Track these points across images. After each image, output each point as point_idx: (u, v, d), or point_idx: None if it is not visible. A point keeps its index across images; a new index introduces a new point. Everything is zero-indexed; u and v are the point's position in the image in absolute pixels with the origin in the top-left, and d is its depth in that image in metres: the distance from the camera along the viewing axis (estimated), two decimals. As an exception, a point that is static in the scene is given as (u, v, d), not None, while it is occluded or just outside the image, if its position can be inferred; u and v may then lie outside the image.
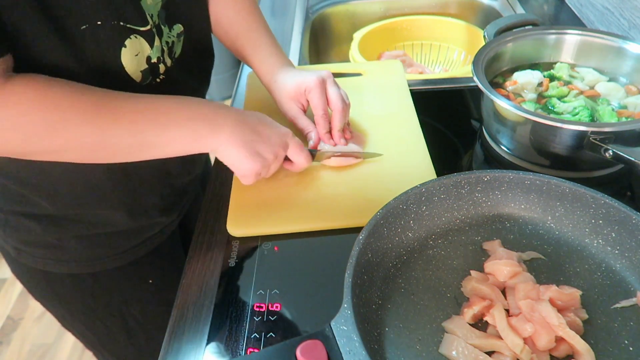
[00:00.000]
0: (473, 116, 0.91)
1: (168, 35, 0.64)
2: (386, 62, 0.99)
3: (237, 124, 0.60)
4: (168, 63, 0.65)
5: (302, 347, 0.45)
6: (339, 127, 0.73)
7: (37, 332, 1.74)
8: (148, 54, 0.60)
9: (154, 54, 0.61)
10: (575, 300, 0.51)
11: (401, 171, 0.71)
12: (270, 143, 0.62)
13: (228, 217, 0.66)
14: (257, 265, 0.62)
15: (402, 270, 0.56)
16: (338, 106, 0.73)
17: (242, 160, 0.61)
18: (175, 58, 0.67)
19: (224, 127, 0.59)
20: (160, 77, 0.64)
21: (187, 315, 0.59)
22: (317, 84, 0.72)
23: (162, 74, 0.64)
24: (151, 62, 0.61)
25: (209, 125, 0.58)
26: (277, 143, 0.63)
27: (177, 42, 0.67)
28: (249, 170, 0.62)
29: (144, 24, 0.58)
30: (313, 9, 1.28)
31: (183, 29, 0.67)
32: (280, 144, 0.64)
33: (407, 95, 0.87)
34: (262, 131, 0.62)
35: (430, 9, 1.32)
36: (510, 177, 0.60)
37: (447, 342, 0.49)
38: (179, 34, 0.66)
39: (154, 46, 0.61)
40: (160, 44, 0.62)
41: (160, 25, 0.62)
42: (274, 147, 0.63)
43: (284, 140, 0.64)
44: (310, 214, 0.66)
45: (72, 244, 0.71)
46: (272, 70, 0.76)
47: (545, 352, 0.48)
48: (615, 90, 0.78)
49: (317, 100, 0.72)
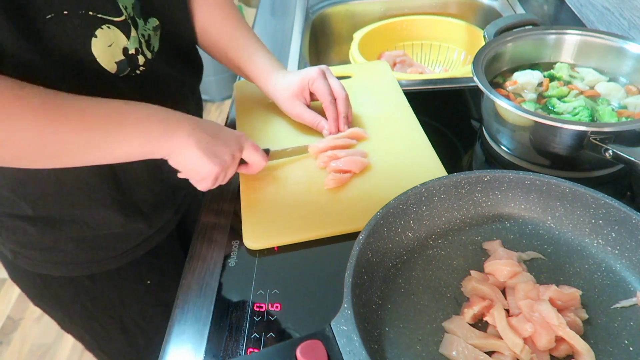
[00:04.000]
0: (473, 116, 0.91)
1: (144, 28, 0.63)
2: (373, 63, 1.00)
3: (192, 126, 0.59)
4: (148, 55, 0.63)
5: (302, 347, 0.45)
6: (345, 114, 0.77)
7: (37, 332, 1.74)
8: (124, 45, 0.59)
9: (131, 44, 0.60)
10: (575, 300, 0.51)
11: (410, 169, 0.71)
12: (227, 144, 0.62)
13: (243, 232, 0.65)
14: (257, 265, 0.62)
15: (402, 270, 0.56)
16: (342, 94, 0.76)
17: (201, 163, 0.60)
18: (155, 52, 0.66)
19: (178, 129, 0.57)
20: (139, 69, 0.62)
21: (187, 315, 0.58)
22: (320, 74, 0.76)
23: (141, 66, 0.62)
24: (128, 53, 0.60)
25: (163, 127, 0.56)
26: (233, 144, 0.63)
27: (154, 36, 0.66)
28: (208, 173, 0.61)
29: (117, 14, 0.57)
30: (313, 9, 1.28)
31: (159, 23, 0.66)
32: (236, 146, 0.64)
33: (400, 93, 0.87)
34: (218, 134, 0.62)
35: (430, 9, 1.32)
36: (510, 177, 0.60)
37: (447, 342, 0.49)
38: (155, 27, 0.66)
39: (130, 37, 0.59)
40: (137, 35, 0.61)
41: (135, 17, 0.61)
42: (231, 149, 0.63)
43: (239, 142, 0.65)
44: (326, 219, 0.65)
45: (68, 246, 0.70)
46: (269, 74, 0.77)
47: (545, 352, 0.48)
48: (615, 90, 0.78)
49: (323, 89, 0.75)
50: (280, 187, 0.70)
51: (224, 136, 0.63)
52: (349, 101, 0.77)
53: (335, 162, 0.71)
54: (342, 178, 0.69)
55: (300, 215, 0.66)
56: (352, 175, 0.71)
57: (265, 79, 0.77)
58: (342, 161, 0.71)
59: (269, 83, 0.77)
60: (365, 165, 0.72)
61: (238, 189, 0.73)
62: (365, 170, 0.72)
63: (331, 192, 0.69)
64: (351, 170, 0.70)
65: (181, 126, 0.58)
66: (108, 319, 0.81)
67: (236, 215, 0.70)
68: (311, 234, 0.64)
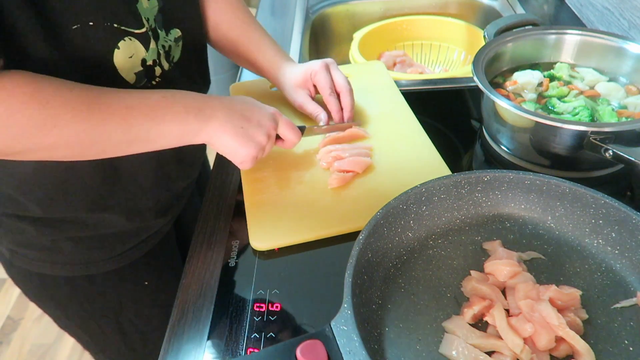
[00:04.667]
0: (473, 116, 0.91)
1: (165, 40, 0.64)
2: (368, 64, 1.00)
3: (226, 112, 0.60)
4: (165, 67, 0.65)
5: (302, 347, 0.45)
6: (349, 107, 0.78)
7: (37, 332, 1.74)
8: (143, 57, 0.60)
9: (150, 56, 0.61)
10: (575, 300, 0.51)
11: (413, 168, 0.72)
12: (261, 125, 0.63)
13: (249, 233, 0.65)
14: (257, 265, 0.62)
15: (402, 270, 0.56)
16: (345, 87, 0.78)
17: (238, 148, 0.61)
18: (174, 62, 0.67)
19: (212, 118, 0.59)
20: (156, 80, 0.64)
21: (187, 315, 0.58)
22: (323, 67, 0.77)
23: (158, 77, 0.64)
24: (146, 64, 0.61)
25: (199, 118, 0.58)
26: (267, 124, 0.64)
27: (175, 47, 0.67)
28: (246, 156, 0.62)
29: (139, 26, 0.59)
30: (313, 9, 1.28)
31: (181, 34, 0.67)
32: (271, 124, 0.65)
33: (397, 93, 0.88)
34: (251, 115, 0.63)
35: (430, 9, 1.32)
36: (510, 177, 0.60)
37: (447, 342, 0.49)
38: (177, 39, 0.67)
39: (149, 49, 0.61)
40: (156, 47, 0.62)
41: (157, 29, 0.63)
42: (265, 129, 0.63)
43: (274, 119, 0.65)
44: (332, 219, 0.65)
45: (66, 246, 0.70)
46: (278, 66, 0.79)
47: (545, 352, 0.48)
48: (615, 90, 0.78)
49: (323, 81, 0.77)
50: (283, 187, 0.70)
51: (258, 116, 0.63)
52: (352, 95, 0.78)
53: (339, 162, 0.71)
54: (345, 177, 0.69)
55: (305, 215, 0.66)
56: (355, 174, 0.71)
57: (274, 70, 0.79)
58: (346, 161, 0.71)
59: (278, 74, 0.79)
60: (368, 165, 0.72)
61: (238, 189, 0.73)
62: (369, 169, 0.72)
63: (335, 192, 0.69)
64: (354, 170, 0.71)
65: (215, 115, 0.59)
66: (105, 319, 0.81)
67: (236, 216, 0.70)
68: (317, 234, 0.64)
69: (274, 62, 0.79)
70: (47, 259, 0.72)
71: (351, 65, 1.06)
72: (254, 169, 0.71)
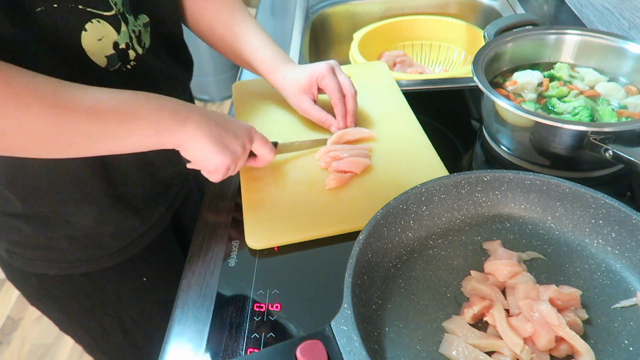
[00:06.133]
0: (473, 116, 0.91)
1: (134, 24, 0.63)
2: (371, 64, 1.00)
3: (202, 117, 0.59)
4: (139, 51, 0.64)
5: (302, 347, 0.45)
6: (353, 111, 0.77)
7: (37, 332, 1.74)
8: (115, 40, 0.59)
9: (122, 39, 0.60)
10: (575, 300, 0.51)
11: (411, 168, 0.72)
12: (238, 136, 0.62)
13: (245, 231, 0.65)
14: (257, 265, 0.62)
15: (402, 270, 0.56)
16: (351, 91, 0.77)
17: (212, 155, 0.60)
18: (147, 48, 0.66)
19: (188, 120, 0.57)
20: (130, 64, 0.62)
21: (187, 315, 0.58)
22: (329, 70, 0.76)
23: (132, 61, 0.63)
24: (119, 47, 0.60)
25: (174, 118, 0.56)
26: (243, 136, 0.63)
27: (145, 32, 0.66)
28: (220, 164, 0.61)
29: (107, 8, 0.57)
30: (313, 9, 1.28)
31: (149, 20, 0.66)
32: (247, 137, 0.64)
33: (399, 94, 0.87)
34: (228, 125, 0.61)
35: (430, 9, 1.32)
36: (510, 177, 0.60)
37: (447, 342, 0.49)
38: (145, 24, 0.66)
39: (120, 31, 0.59)
40: (127, 30, 0.61)
41: (125, 13, 0.61)
42: (241, 140, 0.63)
43: (250, 133, 0.65)
44: (328, 219, 0.65)
45: (63, 244, 0.70)
46: (277, 68, 0.77)
47: (545, 352, 0.48)
48: (615, 90, 0.78)
49: (332, 85, 0.75)
50: (281, 186, 0.70)
51: (234, 127, 0.62)
52: (356, 98, 0.78)
53: (337, 163, 0.71)
54: (343, 177, 0.69)
55: (301, 214, 0.66)
56: (353, 174, 0.71)
57: (273, 72, 0.77)
58: (344, 162, 0.71)
59: (277, 76, 0.77)
60: (367, 166, 0.72)
61: (238, 188, 0.73)
62: (367, 170, 0.72)
63: (332, 192, 0.69)
64: (352, 171, 0.70)
65: (191, 117, 0.58)
66: (106, 317, 0.81)
67: (236, 215, 0.70)
68: (313, 233, 0.64)
69: (272, 65, 0.77)
70: (44, 258, 0.72)
71: (354, 65, 1.05)
72: (253, 167, 0.71)
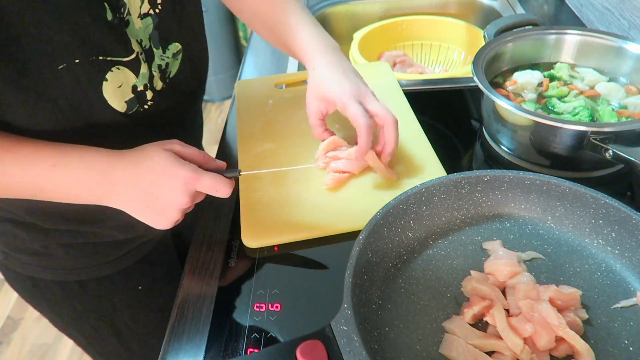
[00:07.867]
0: (473, 116, 0.91)
1: (161, 58, 0.63)
2: (374, 64, 1.00)
3: (131, 182, 0.54)
4: (158, 87, 0.63)
5: (302, 347, 0.45)
6: (393, 144, 0.66)
7: (37, 332, 1.74)
8: (134, 83, 0.59)
9: (140, 81, 0.59)
10: (575, 300, 0.51)
11: (409, 169, 0.71)
12: (169, 205, 0.55)
13: (242, 230, 0.65)
14: (257, 265, 0.62)
15: (402, 270, 0.56)
16: (389, 119, 0.64)
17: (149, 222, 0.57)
18: (170, 78, 0.65)
19: (112, 195, 0.54)
20: (147, 104, 0.62)
21: (187, 315, 0.58)
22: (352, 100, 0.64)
23: (149, 101, 0.62)
24: (137, 90, 0.60)
25: (94, 193, 0.54)
26: (178, 201, 0.55)
27: (173, 62, 0.65)
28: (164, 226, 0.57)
29: (127, 53, 0.57)
30: (313, 9, 1.28)
31: (181, 47, 0.65)
32: (184, 200, 0.55)
33: (401, 95, 0.87)
34: (156, 191, 0.54)
35: (430, 9, 1.32)
36: (510, 177, 0.60)
37: (447, 342, 0.49)
38: (175, 54, 0.65)
39: (139, 74, 0.59)
40: (147, 71, 0.60)
41: (152, 48, 0.61)
42: (177, 205, 0.55)
43: (188, 188, 0.55)
44: (325, 219, 0.65)
45: (58, 252, 0.70)
46: (312, 56, 0.69)
47: (545, 352, 0.48)
48: (615, 90, 0.78)
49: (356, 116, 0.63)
50: (279, 186, 0.70)
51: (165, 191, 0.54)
52: (397, 128, 0.65)
53: (336, 163, 0.71)
54: (342, 178, 0.69)
55: (299, 214, 0.66)
56: (351, 175, 0.71)
57: (307, 60, 0.70)
58: (342, 162, 0.70)
59: (309, 65, 0.70)
60: (365, 166, 0.72)
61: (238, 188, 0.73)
62: (365, 170, 0.72)
63: (330, 192, 0.69)
64: (350, 171, 0.70)
65: (115, 190, 0.54)
66: (99, 321, 0.81)
67: (236, 216, 0.70)
68: (310, 233, 0.64)
69: (307, 51, 0.69)
70: (38, 264, 0.71)
71: (358, 65, 1.05)
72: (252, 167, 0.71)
